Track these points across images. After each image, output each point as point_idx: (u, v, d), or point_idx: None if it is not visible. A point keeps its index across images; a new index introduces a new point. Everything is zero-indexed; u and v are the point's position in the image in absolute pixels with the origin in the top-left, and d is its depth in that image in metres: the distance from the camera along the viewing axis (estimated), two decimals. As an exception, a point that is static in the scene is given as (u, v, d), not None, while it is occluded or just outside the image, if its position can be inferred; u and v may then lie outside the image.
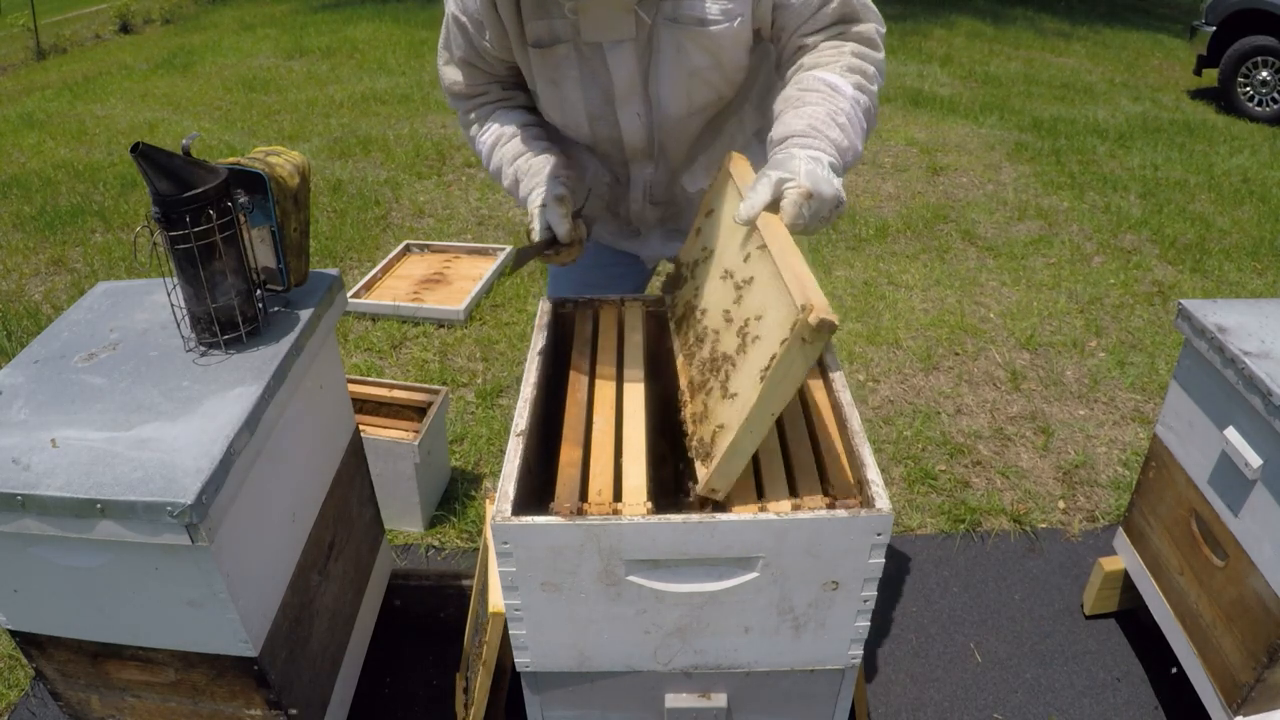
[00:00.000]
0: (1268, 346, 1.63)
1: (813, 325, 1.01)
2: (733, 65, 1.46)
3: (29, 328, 3.59)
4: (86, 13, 12.30)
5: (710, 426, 1.19)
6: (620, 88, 1.45)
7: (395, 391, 2.59)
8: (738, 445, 1.12)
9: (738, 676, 1.32)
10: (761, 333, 1.13)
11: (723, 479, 1.17)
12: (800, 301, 1.03)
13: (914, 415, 3.06)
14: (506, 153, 1.57)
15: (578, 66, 1.44)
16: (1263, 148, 5.86)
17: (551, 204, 1.48)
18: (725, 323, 1.24)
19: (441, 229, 4.59)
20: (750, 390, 1.10)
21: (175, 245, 1.37)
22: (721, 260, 1.34)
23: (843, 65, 1.36)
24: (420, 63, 7.94)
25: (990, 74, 7.66)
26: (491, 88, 1.61)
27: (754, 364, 1.12)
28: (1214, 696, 1.75)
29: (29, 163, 5.59)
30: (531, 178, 1.54)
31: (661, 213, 1.71)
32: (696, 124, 1.54)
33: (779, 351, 1.05)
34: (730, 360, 1.20)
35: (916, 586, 2.38)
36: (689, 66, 1.42)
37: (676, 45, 1.40)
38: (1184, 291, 3.92)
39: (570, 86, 1.47)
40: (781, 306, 1.09)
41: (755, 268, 1.20)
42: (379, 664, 2.10)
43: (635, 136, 1.53)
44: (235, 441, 1.28)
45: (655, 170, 1.61)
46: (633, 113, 1.49)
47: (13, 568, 1.34)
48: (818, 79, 1.34)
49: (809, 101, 1.32)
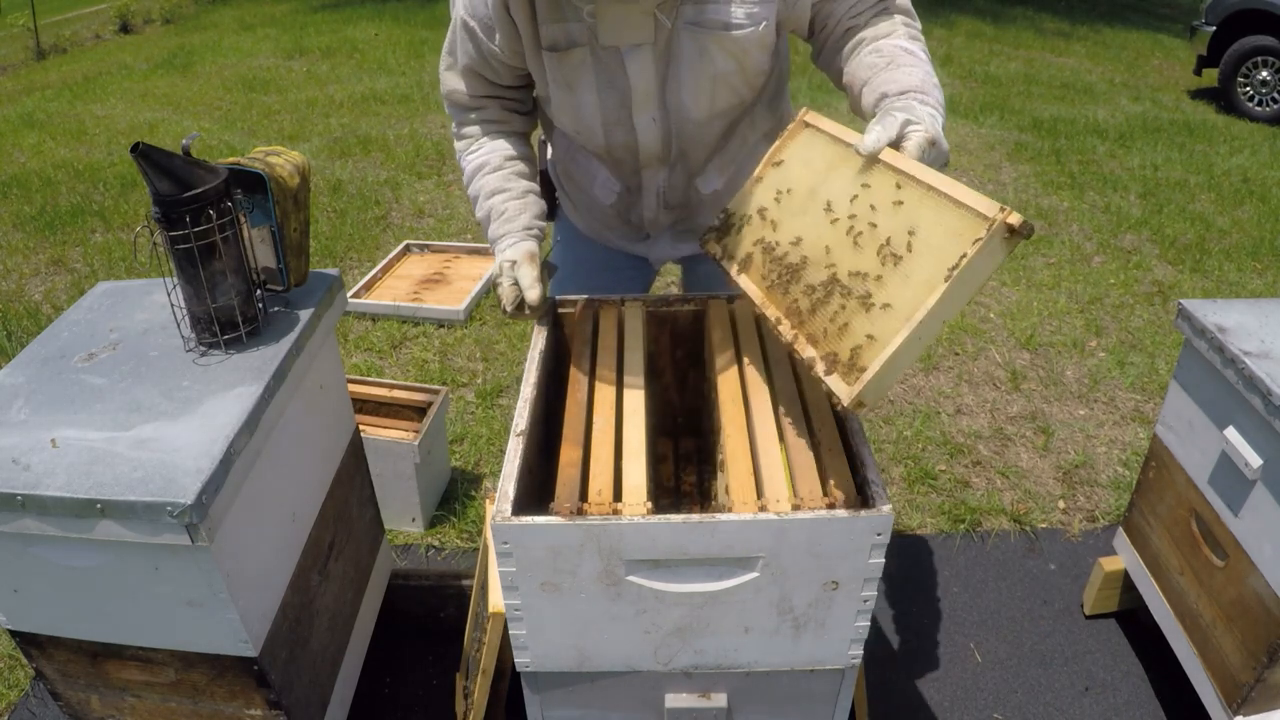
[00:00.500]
0: (1268, 346, 1.63)
1: (1014, 224, 1.03)
2: (755, 69, 1.46)
3: (29, 328, 3.59)
4: (86, 13, 12.30)
5: (848, 342, 1.16)
6: (638, 93, 1.44)
7: (395, 391, 2.59)
8: (900, 353, 1.10)
9: (738, 676, 1.32)
10: (919, 246, 1.13)
11: (875, 392, 1.12)
12: (991, 209, 1.05)
13: (914, 415, 3.06)
14: (486, 185, 1.56)
15: (594, 71, 1.43)
16: (1263, 148, 5.86)
17: (523, 262, 1.46)
18: (851, 247, 1.24)
19: (441, 229, 4.60)
20: (919, 295, 1.09)
21: (175, 245, 1.37)
22: (816, 195, 1.34)
23: (903, 34, 1.39)
24: (420, 63, 7.94)
25: (990, 74, 7.66)
26: (491, 105, 1.58)
27: (919, 271, 1.12)
28: (1214, 696, 1.75)
29: (29, 163, 5.59)
30: (504, 222, 1.52)
31: (674, 216, 1.71)
32: (718, 127, 1.54)
33: (970, 251, 1.05)
34: (866, 277, 1.19)
35: (916, 586, 2.38)
36: (712, 71, 1.42)
37: (700, 50, 1.40)
38: (1184, 291, 3.92)
39: (586, 91, 1.45)
40: (952, 217, 1.10)
41: (884, 193, 1.21)
42: (379, 664, 2.10)
43: (651, 142, 1.52)
44: (235, 441, 1.28)
45: (670, 175, 1.60)
46: (649, 118, 1.48)
47: (13, 568, 1.34)
48: (896, 46, 1.36)
49: (903, 64, 1.34)
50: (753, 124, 1.64)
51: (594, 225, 1.79)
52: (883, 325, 1.12)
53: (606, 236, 1.80)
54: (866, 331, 1.14)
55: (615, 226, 1.76)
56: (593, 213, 1.76)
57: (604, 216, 1.74)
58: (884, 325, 1.12)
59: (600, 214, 1.74)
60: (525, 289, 1.45)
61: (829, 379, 1.16)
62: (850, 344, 1.15)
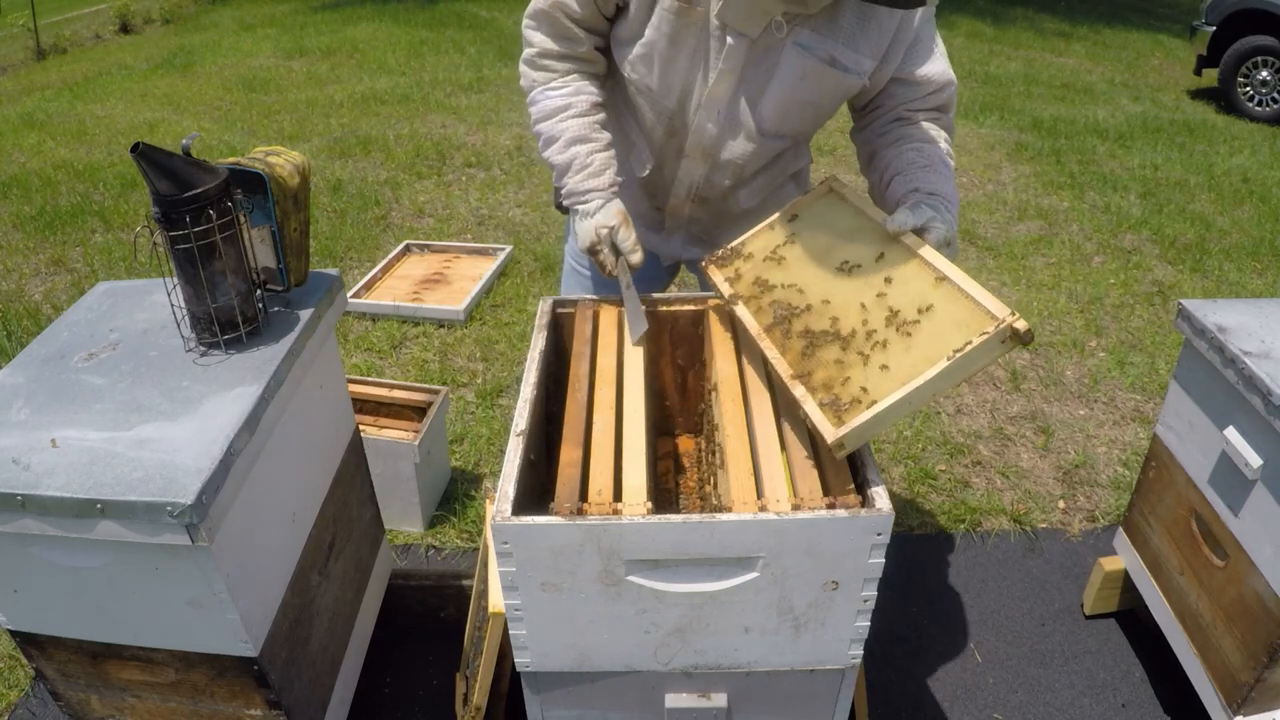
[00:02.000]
0: (1268, 346, 1.63)
1: (1020, 329, 1.14)
2: (829, 110, 1.53)
3: (29, 328, 3.59)
4: (86, 13, 12.29)
5: (842, 389, 1.23)
6: (717, 77, 1.46)
7: (395, 391, 2.59)
8: (889, 412, 1.17)
9: (738, 676, 1.32)
10: (927, 325, 1.23)
11: (856, 439, 1.18)
12: (1003, 312, 1.16)
13: (914, 415, 3.06)
14: (569, 129, 1.51)
15: (698, 38, 1.44)
16: (1263, 148, 5.86)
17: (620, 225, 1.50)
18: (855, 299, 1.33)
19: (441, 229, 4.60)
20: (918, 366, 1.18)
21: (175, 245, 1.37)
22: (831, 253, 1.43)
23: (947, 149, 1.52)
24: (420, 63, 7.94)
25: (990, 74, 7.66)
26: (589, 39, 1.53)
27: (922, 347, 1.21)
28: (1214, 696, 1.75)
29: (29, 163, 5.59)
30: (589, 176, 1.50)
31: (697, 213, 1.71)
32: (777, 147, 1.58)
33: (976, 341, 1.15)
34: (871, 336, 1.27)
35: (916, 586, 2.38)
36: (801, 96, 1.47)
37: (800, 73, 1.44)
38: (1184, 291, 3.92)
39: (683, 52, 1.46)
40: (963, 309, 1.21)
41: (902, 270, 1.33)
42: (379, 664, 2.10)
43: (706, 132, 1.53)
44: (235, 441, 1.28)
45: (711, 173, 1.61)
46: (715, 108, 1.50)
47: (13, 568, 1.34)
48: (938, 156, 1.48)
49: (940, 172, 1.45)
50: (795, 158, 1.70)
51: None
52: (877, 383, 1.20)
53: None
54: (861, 384, 1.22)
55: (633, 206, 1.73)
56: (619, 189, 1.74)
57: (630, 195, 1.71)
58: (879, 384, 1.20)
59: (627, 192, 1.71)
60: (627, 253, 1.51)
61: (816, 417, 1.22)
62: (843, 390, 1.23)
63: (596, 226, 1.49)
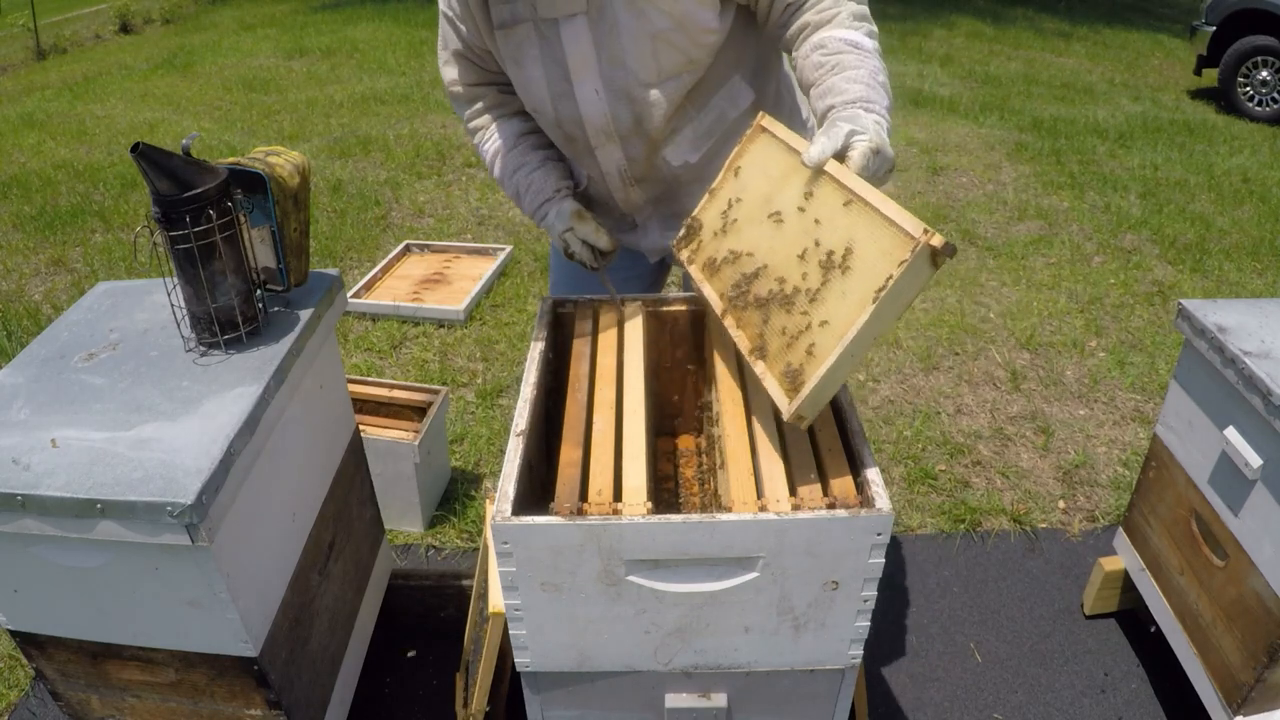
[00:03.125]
0: (1268, 346, 1.63)
1: (937, 246, 1.07)
2: (697, 25, 1.43)
3: (29, 328, 3.60)
4: (86, 13, 12.30)
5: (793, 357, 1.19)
6: (574, 60, 1.45)
7: (395, 391, 2.59)
8: (835, 369, 1.13)
9: (738, 676, 1.32)
10: (855, 263, 1.16)
11: (812, 406, 1.16)
12: (917, 229, 1.08)
13: (914, 415, 3.06)
14: (506, 165, 1.65)
15: (538, 45, 1.46)
16: (1263, 148, 5.86)
17: (576, 223, 1.57)
18: (791, 251, 1.27)
19: (441, 229, 4.60)
20: (852, 313, 1.13)
21: (175, 245, 1.37)
22: (769, 204, 1.36)
23: (847, 15, 1.38)
24: (420, 63, 7.94)
25: (990, 74, 7.66)
26: (488, 91, 1.63)
27: (854, 290, 1.15)
28: (1214, 696, 1.75)
29: (29, 163, 5.59)
30: (535, 195, 1.61)
31: (649, 193, 1.68)
32: (673, 90, 1.50)
33: (896, 273, 1.08)
34: (805, 290, 1.22)
35: (916, 586, 2.38)
36: (650, 30, 1.41)
37: (636, 11, 1.40)
38: (1184, 291, 3.92)
39: (532, 66, 1.48)
40: (884, 235, 1.13)
41: (828, 206, 1.24)
42: (379, 664, 2.10)
43: (595, 115, 1.52)
44: (235, 441, 1.28)
45: (627, 148, 1.58)
46: (590, 89, 1.49)
47: (13, 568, 1.34)
48: (840, 40, 1.35)
49: (848, 66, 1.32)
50: (732, 99, 1.61)
51: None
52: (822, 341, 1.16)
53: None
54: (808, 346, 1.18)
55: (603, 216, 1.75)
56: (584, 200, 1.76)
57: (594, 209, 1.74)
58: (823, 341, 1.16)
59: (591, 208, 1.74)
60: (595, 242, 1.57)
61: (774, 393, 1.20)
62: (794, 356, 1.19)
63: (560, 235, 1.59)
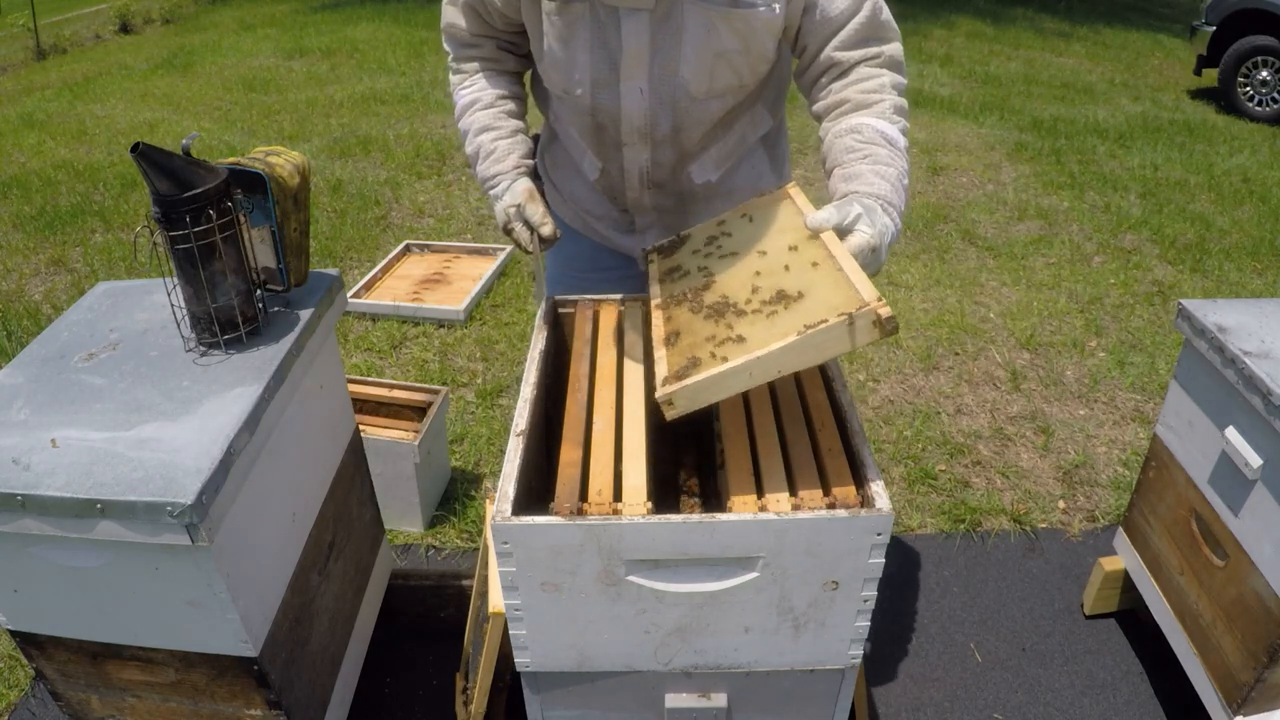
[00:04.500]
0: (1268, 346, 1.63)
1: (883, 315, 1.11)
2: (760, 52, 1.44)
3: (29, 328, 3.59)
4: (86, 13, 12.29)
5: (703, 354, 1.22)
6: (628, 57, 1.43)
7: (395, 391, 2.59)
8: (724, 377, 1.16)
9: (738, 676, 1.32)
10: (800, 305, 1.21)
11: (686, 400, 1.18)
12: (871, 296, 1.13)
13: (914, 415, 3.06)
14: (477, 120, 1.60)
15: (590, 29, 1.42)
16: (1263, 148, 5.86)
17: (526, 202, 1.52)
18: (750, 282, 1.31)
19: (441, 229, 4.60)
20: (771, 338, 1.16)
21: (175, 245, 1.37)
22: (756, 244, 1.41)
23: (890, 107, 1.43)
24: (420, 63, 7.94)
25: (990, 74, 7.66)
26: (487, 43, 1.60)
27: (785, 321, 1.19)
28: (1214, 696, 1.75)
29: (29, 163, 5.59)
30: (493, 162, 1.57)
31: (660, 200, 1.67)
32: (715, 109, 1.52)
33: (832, 320, 1.13)
34: (741, 311, 1.26)
35: (916, 586, 2.38)
36: (716, 47, 1.41)
37: (707, 25, 1.39)
38: (1184, 291, 3.92)
39: (580, 48, 1.45)
40: (838, 292, 1.18)
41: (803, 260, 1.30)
42: (379, 664, 2.10)
43: (635, 113, 1.50)
44: (235, 441, 1.28)
45: (655, 153, 1.58)
46: (636, 87, 1.46)
47: (13, 568, 1.34)
48: (877, 132, 1.39)
49: (880, 160, 1.37)
50: (754, 123, 1.62)
51: (581, 214, 1.77)
52: (731, 351, 1.20)
53: (594, 227, 1.77)
54: (714, 349, 1.22)
55: (603, 214, 1.74)
56: (580, 198, 1.74)
57: (592, 200, 1.72)
58: (732, 351, 1.20)
59: (588, 197, 1.73)
60: (538, 226, 1.52)
61: (658, 375, 1.23)
62: (701, 354, 1.23)
63: (505, 207, 1.54)
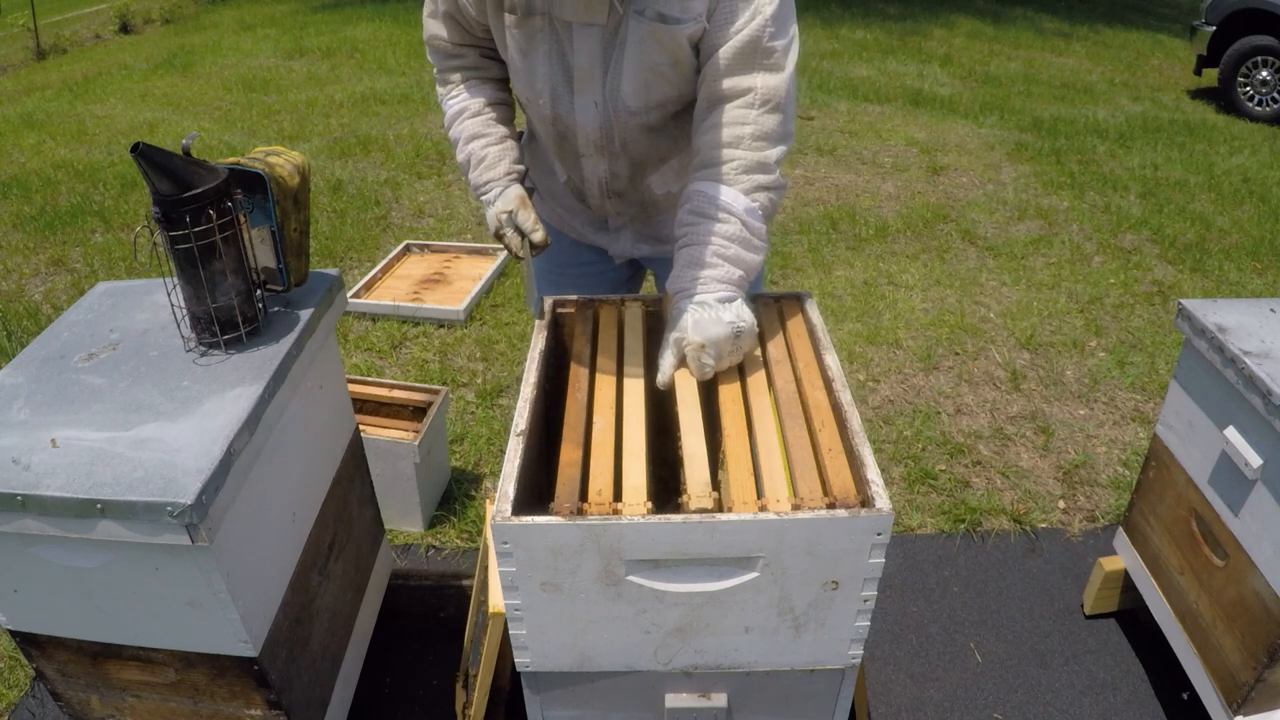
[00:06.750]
0: (1268, 346, 1.63)
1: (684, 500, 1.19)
2: (690, 66, 1.45)
3: (29, 328, 3.59)
4: (86, 13, 12.30)
5: None
6: (580, 71, 1.46)
7: (395, 391, 2.59)
8: None
9: (738, 676, 1.32)
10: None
11: None
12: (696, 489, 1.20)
13: (914, 415, 3.06)
14: (466, 129, 1.62)
15: (549, 42, 1.45)
16: (1263, 148, 5.86)
17: (518, 208, 1.54)
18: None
19: (441, 229, 4.60)
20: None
21: (175, 245, 1.37)
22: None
23: (738, 167, 1.40)
24: (420, 63, 7.94)
25: (990, 74, 7.66)
26: (469, 52, 1.62)
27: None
28: (1214, 696, 1.75)
29: (29, 163, 5.58)
30: (485, 169, 1.58)
31: (623, 208, 1.70)
32: (657, 119, 1.53)
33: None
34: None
35: (916, 586, 2.38)
36: (649, 62, 1.43)
37: (640, 39, 1.40)
38: (1184, 291, 3.92)
39: (539, 60, 1.48)
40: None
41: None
42: (379, 664, 2.10)
43: (589, 126, 1.52)
44: (235, 441, 1.28)
45: (613, 164, 1.60)
46: (589, 101, 1.49)
47: (13, 568, 1.34)
48: (706, 197, 1.41)
49: (695, 239, 1.41)
50: None
51: (559, 211, 1.81)
52: None
53: (570, 224, 1.81)
54: None
55: (577, 211, 1.77)
56: (556, 195, 1.78)
57: (566, 198, 1.76)
58: None
59: (562, 195, 1.76)
60: (529, 232, 1.54)
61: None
62: None
63: (496, 213, 1.56)
